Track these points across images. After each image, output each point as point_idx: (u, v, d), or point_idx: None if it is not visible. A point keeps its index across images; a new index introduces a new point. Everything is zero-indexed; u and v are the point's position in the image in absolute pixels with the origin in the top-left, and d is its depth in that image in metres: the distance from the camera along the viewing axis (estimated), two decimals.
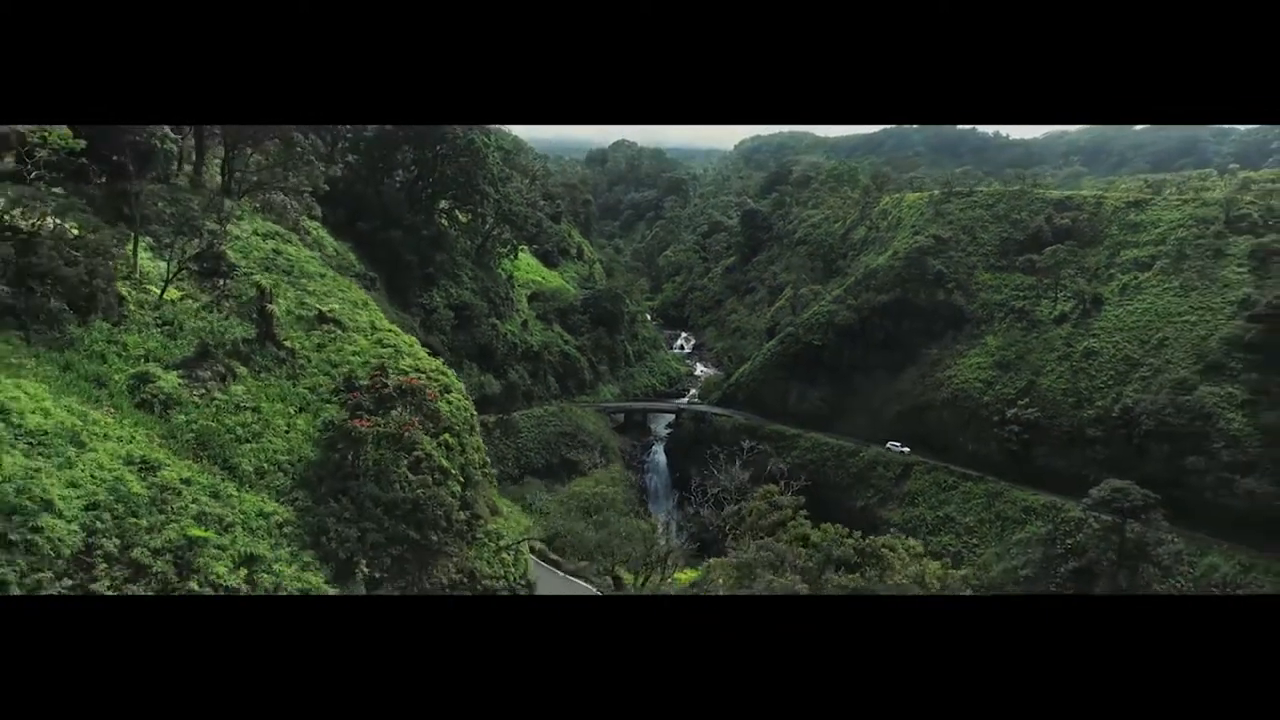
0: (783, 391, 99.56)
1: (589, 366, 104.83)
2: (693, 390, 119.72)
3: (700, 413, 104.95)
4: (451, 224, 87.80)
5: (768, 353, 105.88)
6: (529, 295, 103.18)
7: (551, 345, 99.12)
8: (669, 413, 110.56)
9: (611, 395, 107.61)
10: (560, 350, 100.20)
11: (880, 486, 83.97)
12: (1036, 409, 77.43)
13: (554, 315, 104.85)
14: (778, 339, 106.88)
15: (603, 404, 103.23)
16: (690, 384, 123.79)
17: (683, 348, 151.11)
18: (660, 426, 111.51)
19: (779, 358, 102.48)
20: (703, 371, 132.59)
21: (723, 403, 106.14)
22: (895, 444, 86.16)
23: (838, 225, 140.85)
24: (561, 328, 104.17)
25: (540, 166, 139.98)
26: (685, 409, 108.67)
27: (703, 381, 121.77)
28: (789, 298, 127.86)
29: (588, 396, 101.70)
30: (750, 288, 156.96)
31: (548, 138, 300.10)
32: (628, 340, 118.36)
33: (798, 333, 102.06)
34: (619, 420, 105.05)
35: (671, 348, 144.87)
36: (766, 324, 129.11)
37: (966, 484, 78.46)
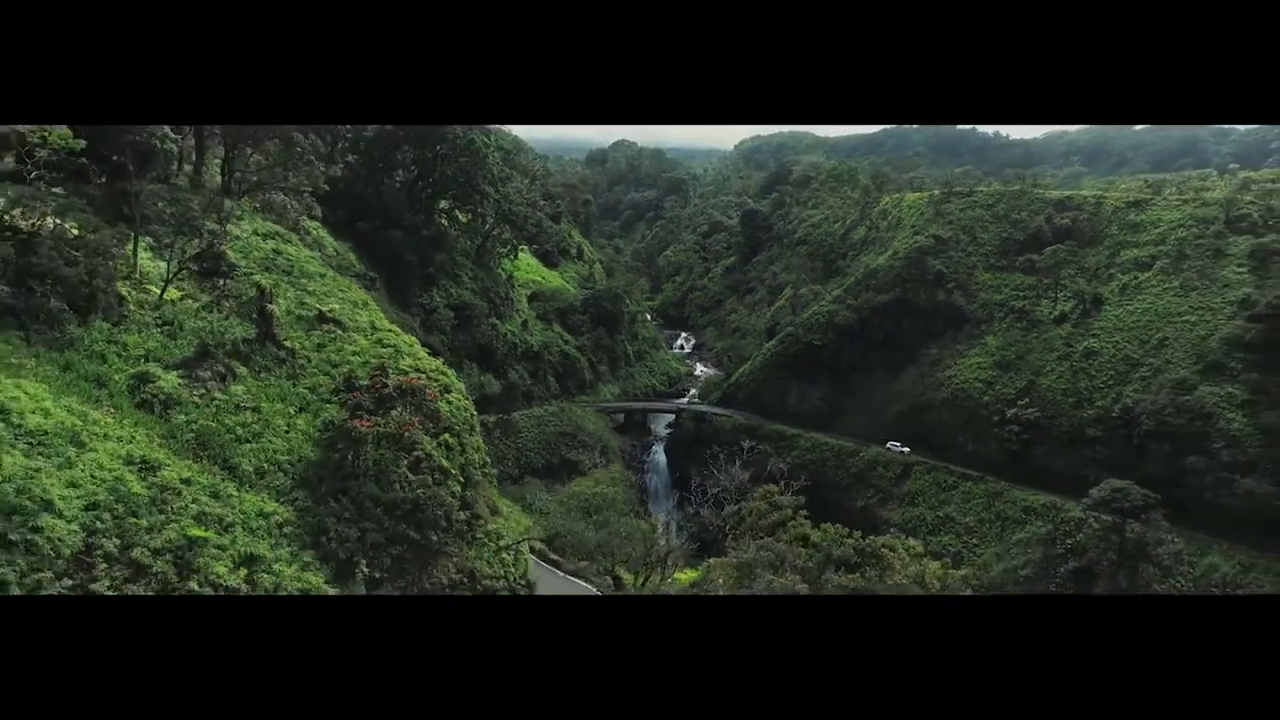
0: (783, 391, 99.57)
1: (589, 366, 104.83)
2: (693, 390, 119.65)
3: (700, 413, 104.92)
4: (451, 224, 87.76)
5: (768, 353, 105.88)
6: (529, 295, 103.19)
7: (551, 345, 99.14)
8: (669, 413, 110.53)
9: (611, 395, 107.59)
10: (560, 350, 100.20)
11: (880, 486, 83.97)
12: (1036, 409, 77.45)
13: (554, 315, 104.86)
14: (778, 339, 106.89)
15: (603, 404, 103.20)
16: (690, 384, 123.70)
17: (683, 348, 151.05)
18: (660, 426, 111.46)
19: (779, 358, 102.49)
20: (703, 371, 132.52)
21: (723, 403, 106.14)
22: (895, 444, 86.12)
23: (838, 225, 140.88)
24: (561, 328, 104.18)
25: (540, 166, 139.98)
26: (685, 409, 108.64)
27: (703, 381, 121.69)
28: (789, 298, 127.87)
29: (588, 396, 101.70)
30: (750, 288, 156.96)
31: (548, 138, 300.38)
32: (628, 340, 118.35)
33: (798, 333, 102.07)
34: (619, 420, 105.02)
35: (671, 348, 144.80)
36: (766, 324, 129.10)
37: (966, 484, 78.46)
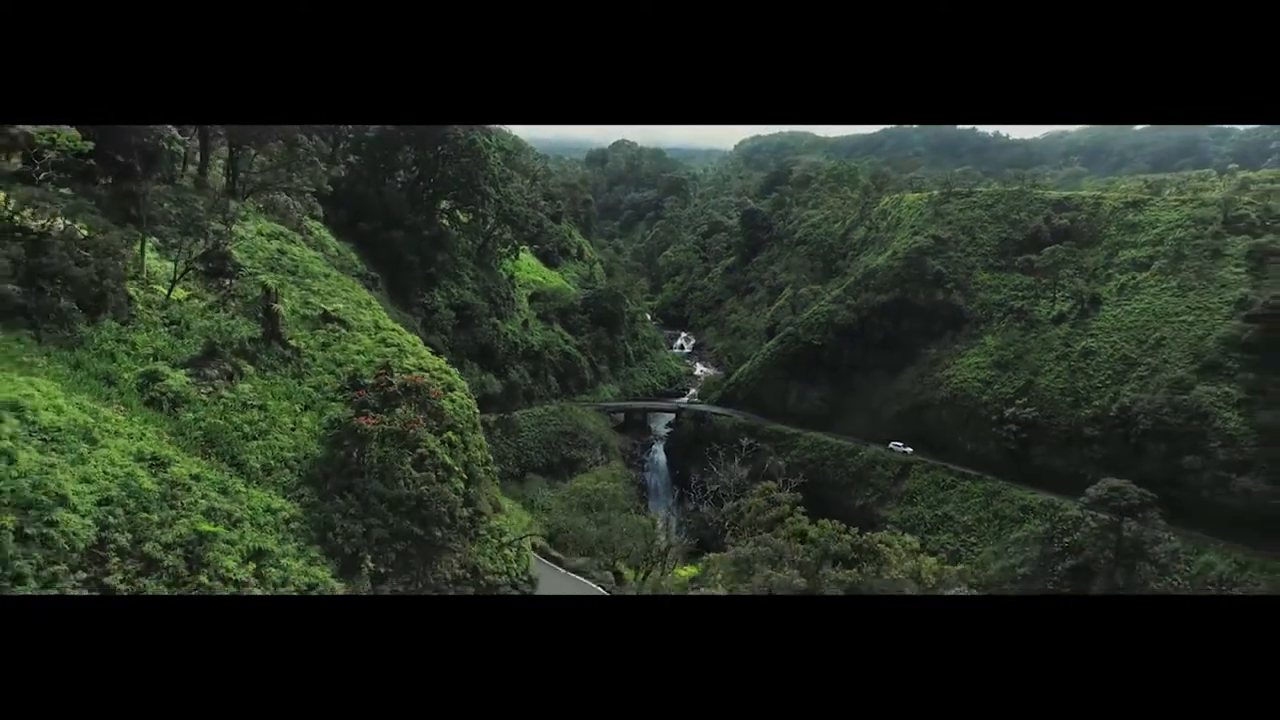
0: (782, 391, 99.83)
1: (589, 366, 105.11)
2: (692, 390, 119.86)
3: (700, 412, 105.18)
4: (453, 224, 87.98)
5: (767, 352, 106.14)
6: (530, 295, 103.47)
7: (552, 345, 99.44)
8: (669, 412, 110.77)
9: (611, 395, 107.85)
10: (561, 350, 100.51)
11: (879, 485, 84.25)
12: (1035, 408, 77.71)
13: (554, 315, 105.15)
14: (777, 339, 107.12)
15: (603, 403, 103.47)
16: (690, 384, 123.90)
17: (683, 347, 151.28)
18: (660, 426, 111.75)
19: (779, 357, 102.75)
20: (702, 371, 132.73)
21: (722, 402, 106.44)
22: (897, 444, 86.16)
23: (837, 225, 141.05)
24: (562, 327, 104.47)
25: (540, 166, 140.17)
26: (685, 408, 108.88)
27: (702, 381, 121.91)
28: (789, 298, 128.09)
29: (588, 396, 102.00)
30: (750, 288, 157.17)
31: (548, 138, 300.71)
32: (628, 340, 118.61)
33: (797, 332, 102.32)
34: (619, 419, 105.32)
35: (671, 348, 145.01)
36: (766, 324, 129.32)
37: (965, 483, 78.71)
